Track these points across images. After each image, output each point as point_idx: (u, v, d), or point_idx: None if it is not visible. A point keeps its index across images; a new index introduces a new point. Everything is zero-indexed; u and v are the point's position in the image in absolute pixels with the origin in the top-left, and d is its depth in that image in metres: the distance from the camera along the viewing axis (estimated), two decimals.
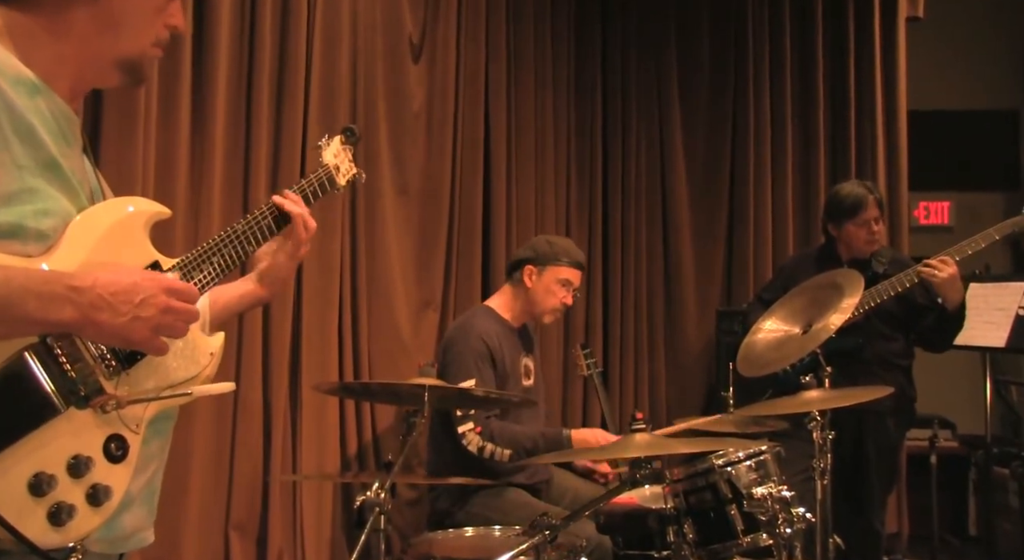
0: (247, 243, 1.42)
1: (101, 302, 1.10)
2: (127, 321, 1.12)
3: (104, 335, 1.13)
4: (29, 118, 1.12)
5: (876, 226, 3.14)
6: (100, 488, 1.13)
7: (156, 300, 1.14)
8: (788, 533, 2.16)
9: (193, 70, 3.00)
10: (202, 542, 3.04)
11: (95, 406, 1.14)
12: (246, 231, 1.42)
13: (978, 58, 5.15)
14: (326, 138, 1.65)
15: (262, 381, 3.18)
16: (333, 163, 1.62)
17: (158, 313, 1.14)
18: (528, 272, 2.92)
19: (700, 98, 4.35)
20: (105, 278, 1.12)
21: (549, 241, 2.97)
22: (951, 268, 2.91)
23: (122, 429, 1.17)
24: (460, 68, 3.76)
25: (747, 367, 2.69)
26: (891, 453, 3.26)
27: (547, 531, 1.89)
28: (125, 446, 1.17)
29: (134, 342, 1.15)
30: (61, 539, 1.08)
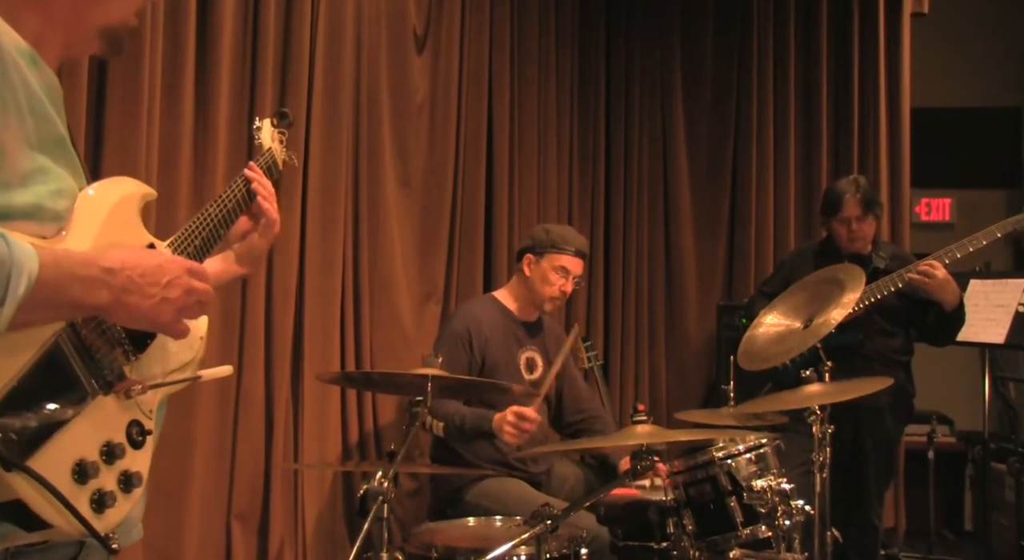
0: (230, 215, 1.44)
1: (131, 284, 1.08)
2: (155, 303, 1.10)
3: (132, 317, 1.11)
4: (40, 93, 1.10)
5: (856, 225, 3.13)
6: (132, 474, 1.12)
7: (181, 281, 1.13)
8: (787, 525, 2.18)
9: (197, 60, 3.00)
10: (204, 532, 3.05)
11: (119, 391, 1.13)
12: (222, 209, 1.43)
13: (980, 56, 5.16)
14: (258, 120, 1.66)
15: (264, 372, 3.18)
16: (272, 146, 1.63)
17: (183, 294, 1.13)
18: (528, 261, 2.94)
19: (704, 92, 4.35)
20: (132, 259, 1.10)
21: (547, 229, 2.98)
22: (940, 271, 2.93)
23: (140, 415, 1.17)
24: (464, 60, 3.76)
25: (748, 361, 2.70)
26: (889, 448, 3.27)
27: (548, 521, 1.90)
28: (144, 431, 1.17)
29: (160, 324, 1.14)
30: (102, 526, 1.06)
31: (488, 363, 2.85)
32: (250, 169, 1.54)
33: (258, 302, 3.15)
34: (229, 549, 3.11)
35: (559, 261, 2.92)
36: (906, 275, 2.96)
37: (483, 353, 2.86)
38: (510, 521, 2.44)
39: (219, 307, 3.09)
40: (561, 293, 2.96)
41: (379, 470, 1.93)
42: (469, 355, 2.83)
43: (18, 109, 1.06)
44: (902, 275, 2.98)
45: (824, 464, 2.52)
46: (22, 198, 1.05)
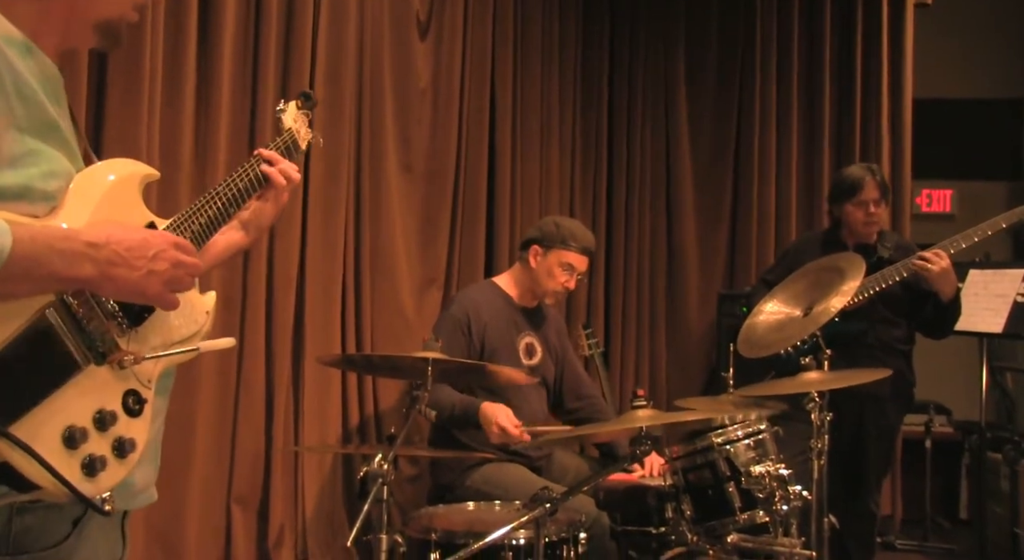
0: (238, 196, 1.46)
1: (117, 257, 1.13)
2: (142, 275, 1.15)
3: (120, 290, 1.16)
4: (29, 79, 1.14)
5: (874, 208, 3.14)
6: (125, 440, 1.17)
7: (167, 254, 1.17)
8: (784, 510, 2.20)
9: (198, 43, 2.99)
10: (204, 515, 3.06)
11: (113, 362, 1.18)
12: (232, 188, 1.46)
13: (982, 47, 5.15)
14: (283, 102, 1.68)
15: (265, 356, 3.19)
16: (295, 127, 1.66)
17: (170, 267, 1.17)
18: (534, 252, 2.94)
19: (707, 82, 4.35)
20: (118, 234, 1.14)
21: (557, 223, 2.97)
22: (944, 261, 2.93)
23: (136, 385, 1.21)
24: (467, 47, 3.76)
25: (748, 348, 2.71)
26: (889, 436, 3.28)
27: (547, 504, 1.91)
28: (141, 401, 1.21)
29: (149, 296, 1.18)
30: (94, 489, 1.12)
31: (487, 348, 2.86)
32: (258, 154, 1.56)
33: (259, 285, 3.16)
34: (229, 532, 3.13)
35: (566, 258, 2.93)
36: (910, 262, 2.96)
37: (482, 338, 2.87)
38: (509, 506, 2.46)
39: (220, 290, 3.07)
40: (564, 289, 2.98)
41: (379, 453, 1.94)
42: (468, 340, 2.84)
43: (4, 95, 1.10)
44: (907, 264, 2.98)
45: (822, 451, 2.54)
46: (11, 179, 1.10)
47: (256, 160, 1.54)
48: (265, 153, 1.57)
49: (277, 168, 1.56)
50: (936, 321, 3.12)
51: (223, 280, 3.10)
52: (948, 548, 4.26)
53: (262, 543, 3.20)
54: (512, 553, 2.14)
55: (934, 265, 2.92)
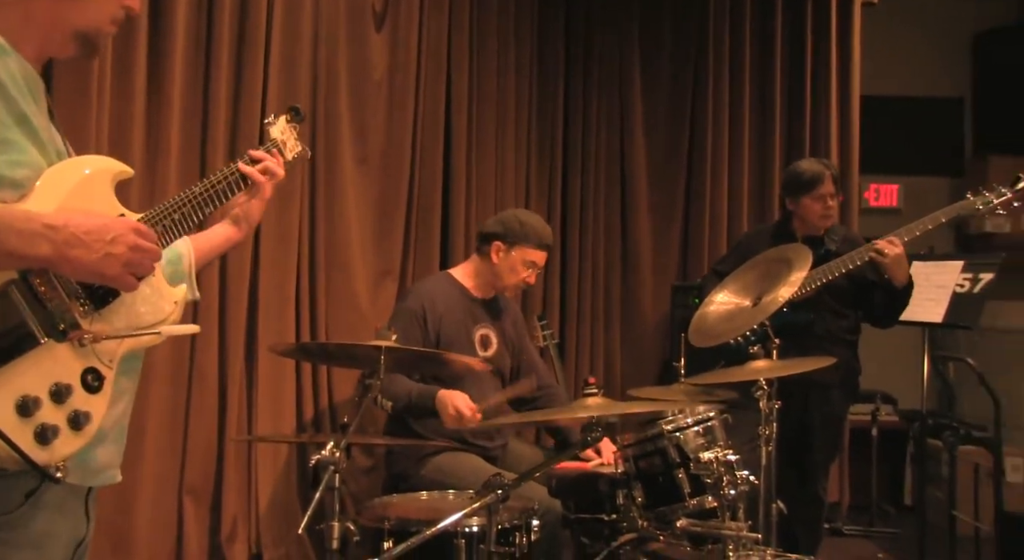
0: (208, 203, 1.52)
1: (75, 240, 1.18)
2: (100, 257, 1.20)
3: (79, 271, 1.21)
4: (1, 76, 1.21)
5: (831, 202, 3.23)
6: (80, 413, 1.22)
7: (126, 238, 1.23)
8: (732, 495, 2.24)
9: (149, 36, 2.96)
10: (155, 507, 3.04)
11: (72, 340, 1.23)
12: (206, 192, 1.52)
13: (926, 46, 5.28)
14: (272, 116, 1.79)
15: (218, 347, 3.17)
16: (281, 139, 1.76)
17: (128, 250, 1.23)
18: (497, 248, 2.95)
19: (661, 77, 4.40)
20: (77, 218, 1.20)
21: (521, 221, 2.97)
22: (898, 249, 3.01)
23: (97, 363, 1.26)
24: (423, 39, 3.76)
25: (699, 338, 2.76)
26: (835, 424, 3.36)
27: (499, 490, 1.93)
28: (101, 378, 1.26)
29: (108, 277, 1.23)
30: (47, 457, 1.17)
31: (443, 340, 2.87)
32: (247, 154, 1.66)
33: (212, 277, 3.13)
34: (181, 525, 3.11)
35: (530, 255, 2.96)
36: (865, 252, 3.03)
37: (437, 330, 2.88)
38: (464, 494, 2.47)
39: None
40: (524, 283, 3.03)
41: (331, 441, 1.95)
42: (424, 331, 2.85)
43: None
44: (860, 253, 3.05)
45: (770, 438, 2.59)
46: None
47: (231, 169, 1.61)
48: (253, 153, 1.66)
49: (261, 166, 1.64)
50: (886, 309, 3.21)
51: None
52: (892, 532, 4.38)
53: (214, 535, 3.18)
54: (465, 540, 2.16)
55: (889, 252, 3.00)
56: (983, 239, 4.85)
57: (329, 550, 1.96)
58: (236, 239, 1.71)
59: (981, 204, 3.05)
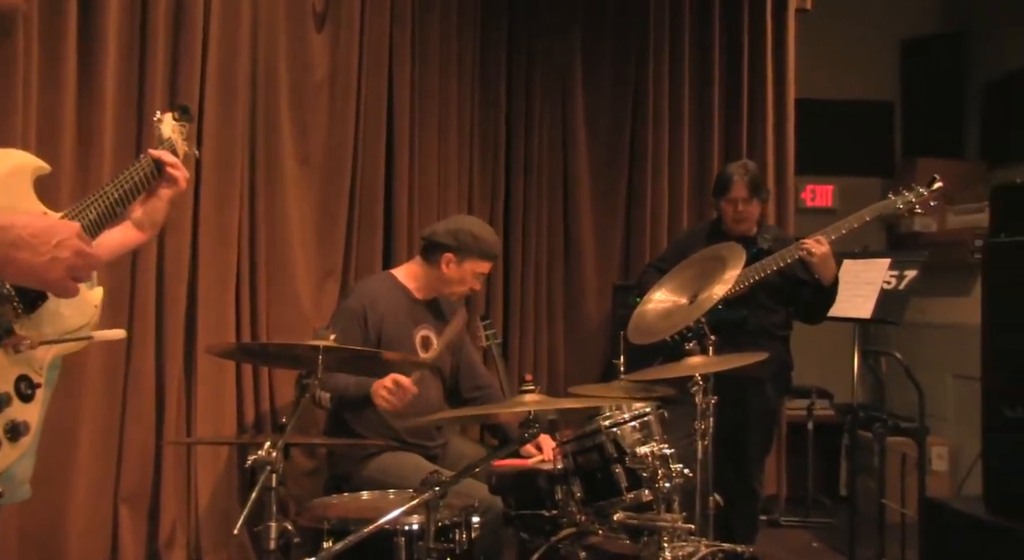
0: (127, 195, 1.50)
1: (21, 242, 1.13)
2: (45, 261, 1.15)
3: (22, 274, 1.16)
4: None
5: (742, 206, 3.32)
6: (19, 423, 1.18)
7: (71, 242, 1.18)
8: (667, 488, 2.29)
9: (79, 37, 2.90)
10: (88, 516, 2.97)
11: (9, 346, 1.19)
12: (125, 184, 1.50)
13: (859, 51, 5.44)
14: (159, 113, 1.75)
15: (155, 350, 3.13)
16: (172, 137, 1.73)
17: (72, 255, 1.18)
18: (448, 259, 2.96)
19: (603, 79, 4.46)
20: (22, 220, 1.15)
21: (475, 235, 2.98)
22: (824, 247, 3.12)
23: (29, 370, 1.23)
24: (364, 39, 3.75)
25: (637, 335, 2.81)
26: (769, 418, 3.46)
27: (437, 487, 1.94)
28: (34, 386, 1.23)
29: (49, 282, 1.18)
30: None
31: (383, 340, 2.88)
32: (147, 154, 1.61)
33: (149, 278, 3.09)
34: (116, 533, 3.05)
35: (482, 268, 3.00)
36: (795, 250, 3.13)
37: (378, 330, 2.88)
38: (404, 493, 2.48)
39: (108, 283, 3.00)
40: (471, 291, 3.09)
41: (268, 441, 1.94)
42: (364, 331, 2.85)
43: None
44: (790, 251, 3.14)
45: (707, 432, 2.66)
46: None
47: (146, 160, 1.58)
48: (156, 154, 1.61)
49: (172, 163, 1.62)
50: (814, 305, 3.31)
51: (110, 273, 3.02)
52: (827, 522, 4.51)
53: (152, 543, 3.14)
54: (404, 538, 2.17)
55: (816, 251, 3.10)
56: (912, 238, 5.02)
57: (267, 551, 1.95)
58: (138, 241, 1.68)
59: (901, 203, 3.18)
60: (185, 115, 1.76)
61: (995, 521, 2.61)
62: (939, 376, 4.58)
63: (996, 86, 5.11)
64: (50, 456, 2.83)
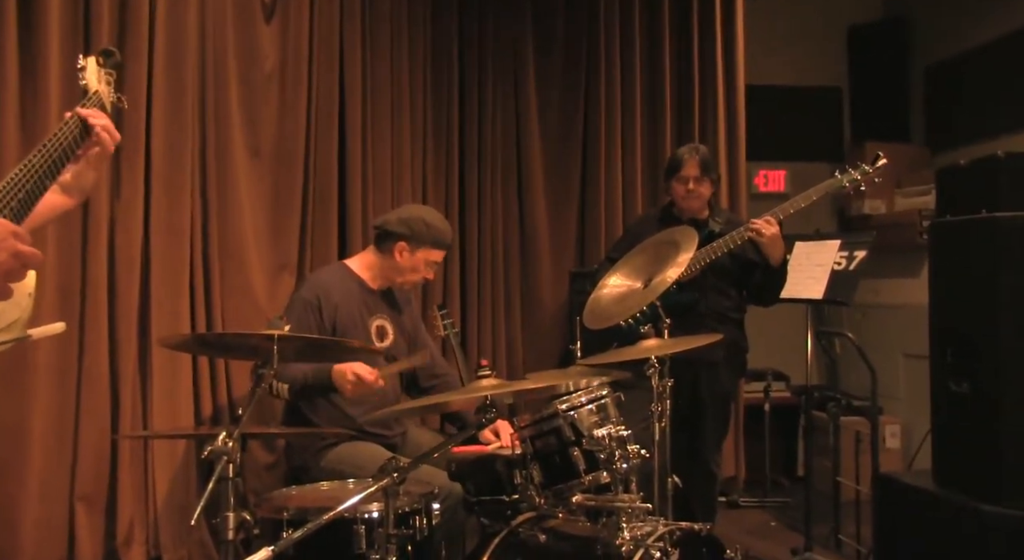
0: (55, 165, 1.41)
1: None
2: None
3: None
4: None
5: (694, 185, 3.34)
6: None
7: (6, 244, 1.13)
8: (624, 468, 2.31)
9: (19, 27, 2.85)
10: (42, 517, 2.94)
11: None
12: (52, 154, 1.41)
13: (806, 38, 5.53)
14: (81, 57, 1.63)
15: (108, 345, 3.09)
16: (99, 89, 1.62)
17: (9, 257, 1.13)
18: (400, 248, 2.96)
19: (554, 66, 4.47)
20: None
21: (427, 223, 2.98)
22: (774, 228, 3.16)
23: None
24: (314, 29, 3.72)
25: (592, 320, 2.83)
26: (725, 400, 3.50)
27: (395, 474, 1.94)
28: None
29: None
30: None
31: (338, 329, 2.87)
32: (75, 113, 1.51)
33: (100, 272, 3.05)
34: (72, 532, 3.02)
35: (434, 256, 3.00)
36: (744, 231, 3.17)
37: (333, 319, 2.87)
38: (363, 483, 2.48)
39: (57, 278, 2.97)
40: (424, 280, 3.08)
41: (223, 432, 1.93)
42: (319, 321, 2.84)
43: None
44: (740, 232, 3.18)
45: (663, 414, 2.69)
46: None
47: (73, 121, 1.49)
48: (83, 112, 1.51)
49: (102, 123, 1.52)
50: (765, 287, 3.36)
51: (60, 267, 2.98)
52: (784, 502, 4.60)
53: (109, 541, 3.11)
54: (364, 526, 2.17)
55: (765, 231, 3.14)
56: (861, 220, 5.12)
57: (225, 541, 1.94)
58: (64, 207, 1.59)
59: (847, 181, 3.23)
60: (109, 59, 1.63)
61: (944, 494, 2.68)
62: (890, 356, 4.68)
63: (939, 70, 5.23)
64: (1, 455, 2.78)
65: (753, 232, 3.14)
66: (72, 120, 1.49)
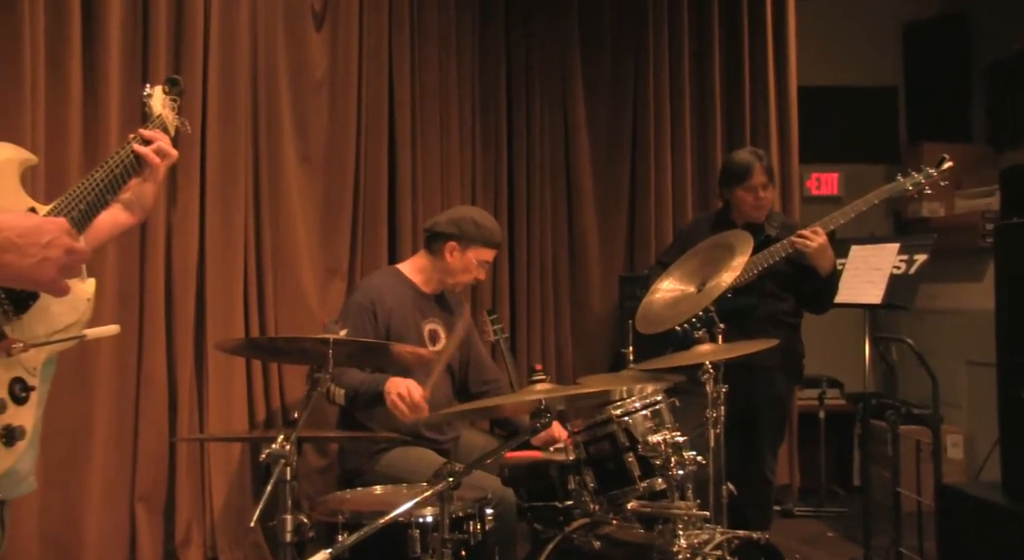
0: (111, 189, 1.47)
1: (8, 243, 1.10)
2: (35, 262, 1.12)
3: (11, 277, 1.13)
4: None
5: (763, 192, 3.29)
6: (14, 428, 1.16)
7: (60, 241, 1.15)
8: (680, 475, 2.28)
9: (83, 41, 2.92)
10: (105, 516, 3.00)
11: (1, 350, 1.17)
12: (115, 170, 1.48)
13: (860, 37, 5.42)
14: (149, 87, 1.71)
15: (166, 351, 3.14)
16: (164, 113, 1.69)
17: (63, 254, 1.15)
18: (451, 248, 2.97)
19: (602, 70, 4.45)
20: (10, 221, 1.12)
21: (476, 222, 2.99)
22: (821, 238, 3.11)
23: (23, 373, 1.21)
24: (363, 37, 3.76)
25: (645, 325, 2.80)
26: (781, 406, 3.43)
27: (450, 478, 1.94)
28: (28, 388, 1.21)
29: (41, 283, 1.15)
30: None
31: (392, 333, 2.88)
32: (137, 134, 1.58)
33: (157, 279, 3.11)
34: (133, 534, 3.07)
35: (485, 256, 3.00)
36: (789, 245, 3.11)
37: (387, 324, 2.88)
38: (417, 488, 2.48)
39: (117, 285, 3.03)
40: (475, 280, 3.07)
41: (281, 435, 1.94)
42: (374, 325, 2.85)
43: None
44: (790, 241, 3.13)
45: (718, 420, 2.64)
46: None
47: (130, 143, 1.56)
48: (146, 133, 1.58)
49: (154, 146, 1.58)
50: (815, 296, 3.30)
51: (120, 275, 3.04)
52: (841, 512, 4.49)
53: (168, 542, 3.15)
54: (419, 530, 2.17)
55: (812, 241, 3.09)
56: (919, 223, 4.99)
57: (283, 543, 1.95)
58: (127, 224, 1.64)
59: (910, 184, 3.15)
60: (175, 87, 1.71)
61: (1013, 507, 2.58)
62: (950, 362, 4.55)
63: (1001, 68, 5.08)
64: (65, 457, 2.85)
65: (799, 244, 3.09)
66: (131, 141, 1.56)
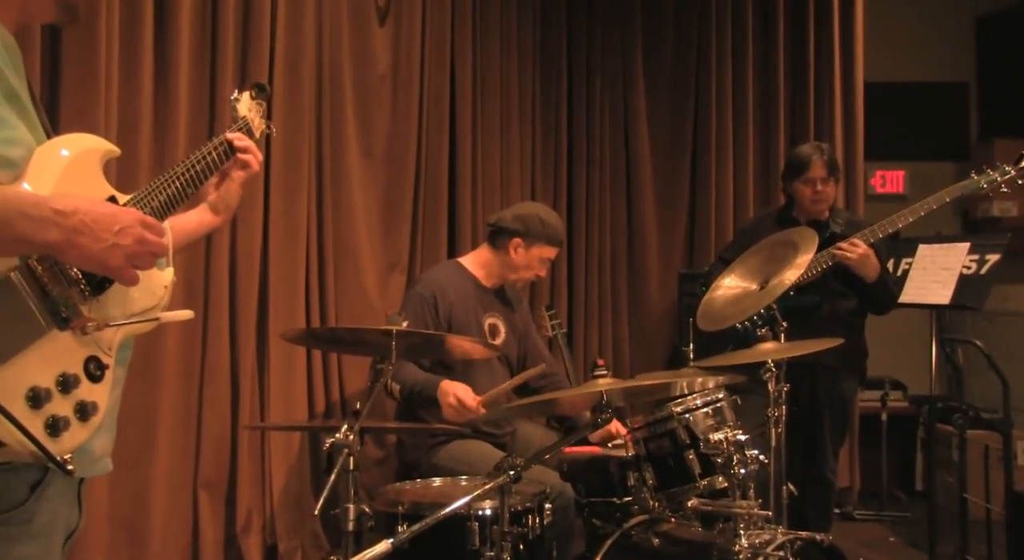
0: (198, 177, 1.50)
1: (83, 227, 1.14)
2: (106, 247, 1.16)
3: (84, 259, 1.17)
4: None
5: (821, 186, 3.22)
6: (87, 404, 1.19)
7: (133, 230, 1.19)
8: (743, 474, 2.25)
9: (155, 36, 2.98)
10: (170, 503, 3.06)
11: (76, 328, 1.20)
12: (196, 166, 1.51)
13: (930, 32, 5.28)
14: (237, 92, 1.75)
15: (229, 340, 3.19)
16: (249, 116, 1.73)
17: (134, 242, 1.19)
18: (515, 244, 2.98)
19: (664, 65, 4.41)
20: (86, 205, 1.16)
21: (542, 220, 3.00)
22: (860, 249, 3.05)
23: (98, 351, 1.24)
24: (426, 32, 3.78)
25: (706, 322, 2.77)
26: (843, 406, 3.36)
27: (511, 472, 1.94)
28: (103, 367, 1.24)
29: (110, 268, 1.19)
30: (57, 449, 1.14)
31: (453, 326, 2.90)
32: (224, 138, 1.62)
33: (222, 270, 3.16)
34: (196, 519, 3.13)
35: (548, 253, 3.02)
36: (828, 258, 3.07)
37: (448, 317, 2.90)
38: (476, 480, 2.49)
39: (182, 275, 3.09)
40: (537, 277, 3.09)
41: (344, 425, 1.97)
42: (435, 318, 2.88)
43: None
44: (825, 257, 3.09)
45: (779, 419, 2.61)
46: None
47: (219, 141, 1.59)
48: (233, 137, 1.62)
49: (245, 145, 1.62)
50: (871, 299, 3.25)
51: (185, 265, 3.10)
52: (903, 516, 4.39)
53: (230, 528, 3.21)
54: (478, 523, 2.18)
55: (852, 253, 3.03)
56: (990, 222, 4.84)
57: (345, 532, 1.98)
58: (213, 225, 1.68)
59: (985, 182, 3.06)
60: (262, 93, 1.75)
61: None
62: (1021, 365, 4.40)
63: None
64: (133, 442, 2.92)
65: (839, 256, 3.04)
66: (219, 140, 1.59)
